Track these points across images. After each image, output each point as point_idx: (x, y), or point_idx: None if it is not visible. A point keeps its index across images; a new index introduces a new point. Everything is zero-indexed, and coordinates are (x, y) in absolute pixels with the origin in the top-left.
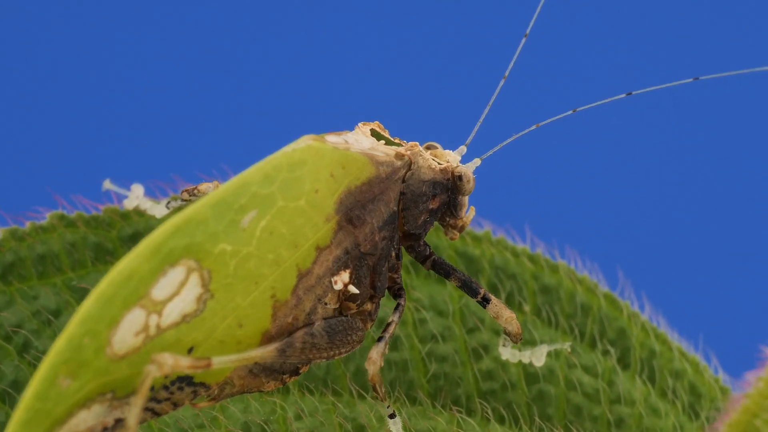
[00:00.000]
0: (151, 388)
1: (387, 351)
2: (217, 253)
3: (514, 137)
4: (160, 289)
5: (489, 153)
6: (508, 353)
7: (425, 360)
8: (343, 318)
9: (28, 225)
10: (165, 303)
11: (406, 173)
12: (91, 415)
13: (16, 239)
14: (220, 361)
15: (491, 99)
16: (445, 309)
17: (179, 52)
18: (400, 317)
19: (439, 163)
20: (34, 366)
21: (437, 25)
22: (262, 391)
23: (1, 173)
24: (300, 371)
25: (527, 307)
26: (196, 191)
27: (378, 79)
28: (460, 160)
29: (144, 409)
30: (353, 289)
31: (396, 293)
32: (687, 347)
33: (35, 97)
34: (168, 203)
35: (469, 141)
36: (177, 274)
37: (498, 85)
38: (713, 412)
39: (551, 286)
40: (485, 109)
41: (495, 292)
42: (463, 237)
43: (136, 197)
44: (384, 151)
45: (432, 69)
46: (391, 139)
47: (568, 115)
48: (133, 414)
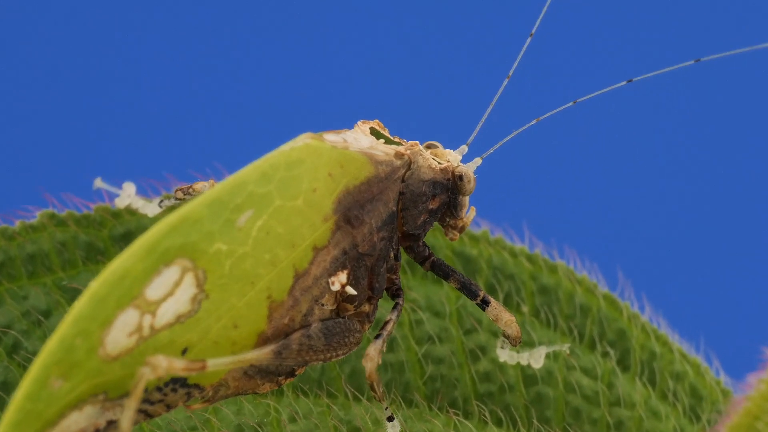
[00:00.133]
0: (145, 389)
1: (385, 349)
2: (213, 253)
3: (513, 133)
4: (154, 289)
5: (489, 151)
6: (505, 355)
7: (422, 362)
8: (341, 319)
9: (17, 224)
10: (159, 303)
11: (405, 173)
12: (83, 417)
13: (5, 238)
14: (215, 363)
15: (494, 98)
16: (442, 310)
17: (171, 48)
18: (398, 316)
19: (440, 163)
20: (24, 367)
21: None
22: (256, 393)
23: None
24: (296, 373)
25: (525, 308)
26: (191, 190)
27: (378, 77)
28: (461, 159)
29: (137, 411)
30: (351, 290)
31: (394, 294)
32: (688, 349)
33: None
34: (161, 202)
35: (471, 140)
36: (171, 273)
37: (501, 85)
38: (714, 414)
39: (550, 286)
40: (488, 109)
41: (493, 292)
42: (461, 237)
43: (127, 196)
44: (383, 151)
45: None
46: (391, 138)
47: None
48: (127, 417)
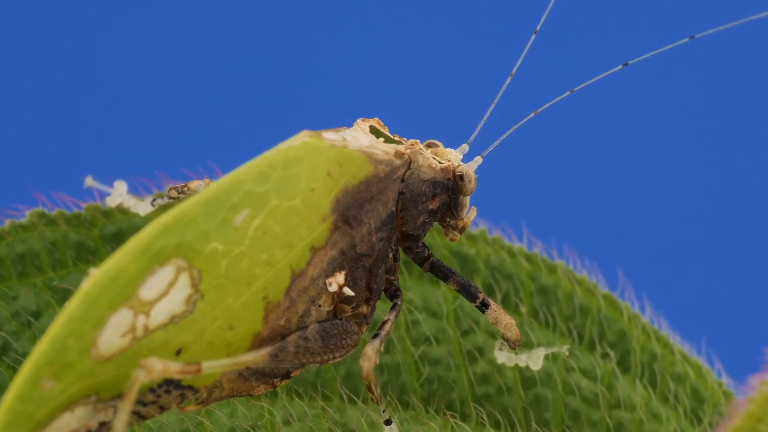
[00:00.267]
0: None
1: (383, 349)
2: (208, 253)
3: (512, 129)
4: (148, 289)
5: (489, 149)
6: (504, 356)
7: (418, 363)
8: (338, 321)
9: (7, 223)
10: (153, 303)
11: (405, 172)
12: (75, 418)
13: None
14: (210, 366)
15: (496, 97)
16: (439, 310)
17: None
18: (396, 316)
19: (440, 162)
20: (13, 369)
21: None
22: (251, 395)
23: None
24: (291, 375)
25: (524, 309)
26: (185, 189)
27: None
28: (461, 158)
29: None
30: (348, 291)
31: (393, 294)
32: (689, 350)
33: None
34: (153, 200)
35: (472, 139)
36: (166, 273)
37: (503, 83)
38: (716, 417)
39: (549, 286)
40: (490, 107)
41: (491, 292)
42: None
43: (119, 194)
44: (383, 150)
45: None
46: (391, 137)
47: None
48: (120, 420)
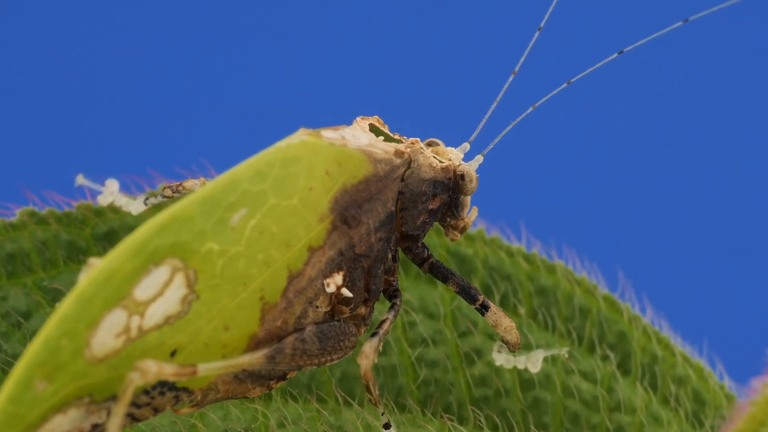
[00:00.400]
0: None
1: (381, 348)
2: (204, 253)
3: (511, 125)
4: (142, 290)
5: (489, 147)
6: (502, 358)
7: (415, 365)
8: (336, 323)
9: None
10: (148, 304)
11: (405, 172)
12: (67, 420)
13: None
14: (206, 368)
15: (498, 95)
16: (436, 311)
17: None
18: (395, 316)
19: (441, 161)
20: (3, 371)
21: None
22: (246, 397)
23: None
24: (287, 376)
25: (522, 310)
26: (180, 188)
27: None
28: (462, 157)
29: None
30: (346, 292)
31: (391, 295)
32: (691, 352)
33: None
34: (146, 199)
35: (473, 138)
36: (161, 273)
37: (504, 81)
38: (718, 420)
39: (548, 287)
40: (492, 105)
41: (489, 293)
42: None
43: (110, 193)
44: (383, 148)
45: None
46: (391, 135)
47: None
48: (114, 423)
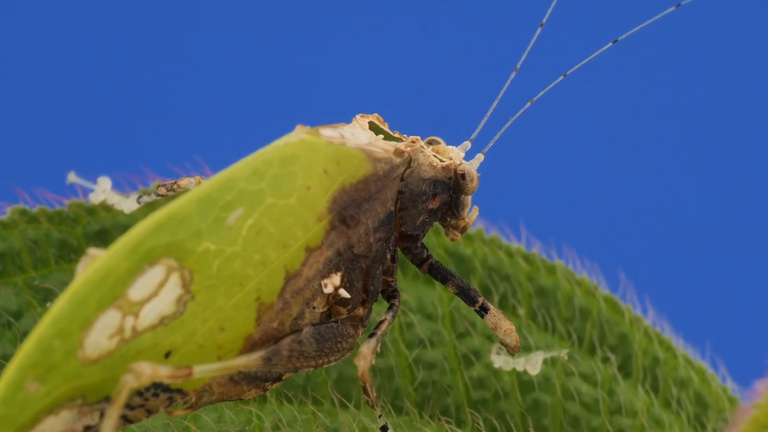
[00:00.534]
0: None
1: (379, 349)
2: (200, 253)
3: (511, 121)
4: (137, 290)
5: (489, 145)
6: (501, 360)
7: (412, 367)
8: (333, 324)
9: None
10: (142, 304)
11: (405, 171)
12: (59, 422)
13: None
14: (201, 370)
15: (500, 93)
16: (434, 312)
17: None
18: (393, 317)
19: (441, 160)
20: None
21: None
22: (241, 399)
23: None
24: (282, 377)
25: (522, 311)
26: (175, 186)
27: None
28: (463, 156)
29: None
30: (344, 293)
31: (390, 296)
32: (693, 354)
33: None
34: (139, 197)
35: (474, 136)
36: (156, 273)
37: (506, 78)
38: (720, 423)
39: (548, 288)
40: (493, 104)
41: (488, 294)
42: None
43: (102, 191)
44: (382, 147)
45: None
46: (391, 133)
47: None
48: (107, 426)
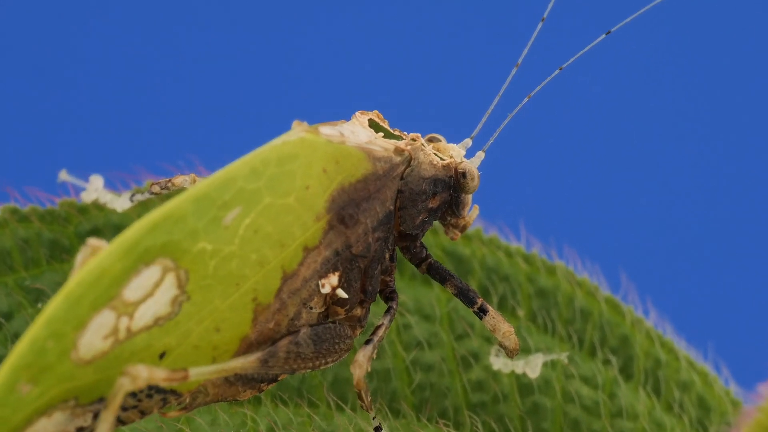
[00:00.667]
0: None
1: (375, 356)
2: (196, 252)
3: (509, 117)
4: (132, 290)
5: (489, 143)
6: (500, 362)
7: (410, 369)
8: (330, 325)
9: None
10: (137, 305)
11: (405, 170)
12: (52, 423)
13: None
14: (198, 373)
15: (501, 90)
16: (432, 313)
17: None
18: (391, 321)
19: (442, 159)
20: None
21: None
22: (236, 400)
23: None
24: (278, 378)
25: (521, 312)
26: (169, 184)
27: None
28: (464, 154)
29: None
30: (342, 293)
31: (387, 297)
32: (695, 356)
33: None
34: (132, 196)
35: (475, 133)
36: (151, 273)
37: (507, 75)
38: (723, 426)
39: (548, 289)
40: (494, 101)
41: (487, 295)
42: None
43: (95, 189)
44: (382, 146)
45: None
46: (391, 131)
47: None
48: (102, 430)
